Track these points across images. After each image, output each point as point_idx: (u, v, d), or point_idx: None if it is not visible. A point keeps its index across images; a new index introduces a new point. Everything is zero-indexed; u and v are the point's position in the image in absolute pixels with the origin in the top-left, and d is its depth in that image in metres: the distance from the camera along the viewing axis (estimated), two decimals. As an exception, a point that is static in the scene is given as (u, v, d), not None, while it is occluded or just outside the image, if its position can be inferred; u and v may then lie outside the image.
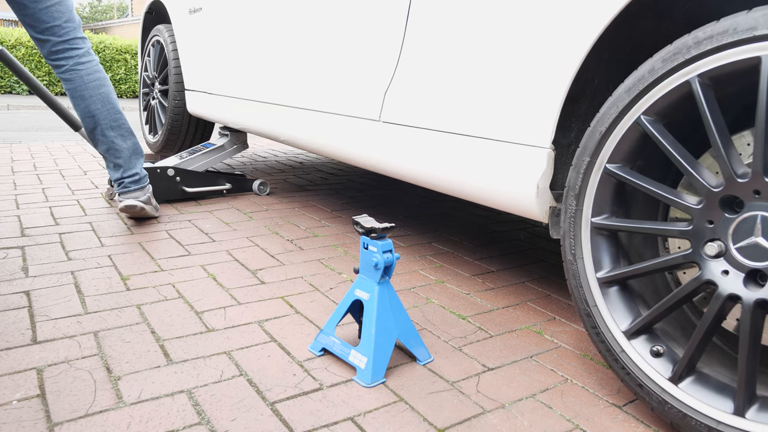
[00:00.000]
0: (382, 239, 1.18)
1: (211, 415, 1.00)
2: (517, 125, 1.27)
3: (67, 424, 0.96)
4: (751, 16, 0.85)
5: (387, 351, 1.16)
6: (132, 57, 13.18)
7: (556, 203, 1.24)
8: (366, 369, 1.14)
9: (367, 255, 1.18)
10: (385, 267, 1.17)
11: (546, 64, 1.20)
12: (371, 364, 1.13)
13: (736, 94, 0.95)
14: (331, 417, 1.02)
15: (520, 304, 1.57)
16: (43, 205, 2.32)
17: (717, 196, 0.92)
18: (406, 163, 1.60)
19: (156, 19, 3.59)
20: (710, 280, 0.94)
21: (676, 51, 0.94)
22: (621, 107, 1.02)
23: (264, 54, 2.28)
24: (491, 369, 1.22)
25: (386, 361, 1.16)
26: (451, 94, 1.44)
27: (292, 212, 2.43)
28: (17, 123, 6.20)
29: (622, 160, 1.04)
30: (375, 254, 1.16)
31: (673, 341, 1.04)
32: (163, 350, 1.21)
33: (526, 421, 1.04)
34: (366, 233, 1.18)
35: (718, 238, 0.93)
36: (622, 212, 1.09)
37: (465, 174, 1.41)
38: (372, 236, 1.17)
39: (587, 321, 1.10)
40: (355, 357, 1.16)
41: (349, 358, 1.18)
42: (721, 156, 0.90)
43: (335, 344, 1.22)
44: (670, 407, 0.97)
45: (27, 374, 1.09)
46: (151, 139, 3.46)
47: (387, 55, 1.65)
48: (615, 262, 1.09)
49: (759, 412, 0.88)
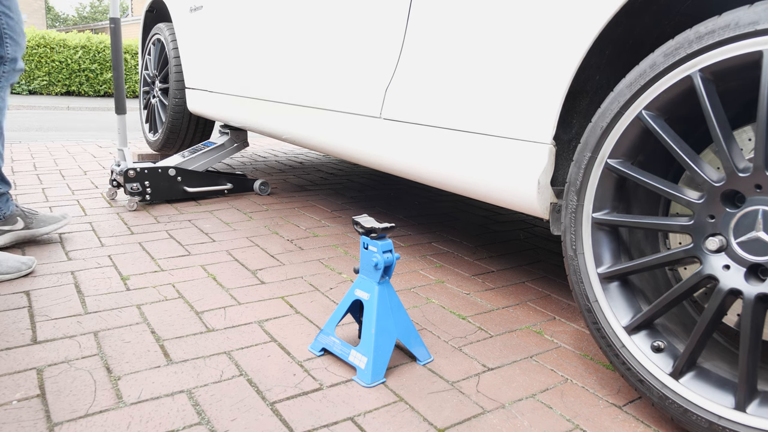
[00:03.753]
0: (382, 239, 1.17)
1: (211, 415, 1.00)
2: (518, 121, 1.26)
3: (67, 424, 0.95)
4: (753, 11, 0.85)
5: (387, 351, 1.16)
6: (132, 57, 13.17)
7: (557, 199, 1.24)
8: (366, 369, 1.13)
9: (367, 255, 1.18)
10: (385, 267, 1.16)
11: (547, 60, 1.20)
12: (371, 364, 1.13)
13: (737, 89, 0.94)
14: (331, 417, 1.01)
15: (520, 304, 1.57)
16: (43, 206, 2.32)
17: (718, 190, 0.92)
18: (407, 160, 1.60)
19: (157, 18, 3.59)
20: (711, 275, 0.93)
21: (678, 46, 0.93)
22: (622, 102, 1.01)
23: (265, 52, 2.27)
24: (491, 369, 1.21)
25: (386, 361, 1.15)
26: (452, 91, 1.43)
27: (292, 212, 2.43)
28: (17, 123, 6.20)
29: (623, 155, 1.04)
30: (375, 254, 1.16)
31: (674, 336, 1.03)
32: (163, 350, 1.21)
33: (526, 421, 1.04)
34: (366, 233, 1.18)
35: (719, 233, 0.93)
36: (623, 208, 1.09)
37: (466, 170, 1.40)
38: (372, 236, 1.17)
39: (588, 317, 1.10)
40: (355, 357, 1.16)
41: (349, 358, 1.18)
42: (722, 150, 0.89)
43: (335, 344, 1.21)
44: (671, 402, 0.97)
45: (27, 374, 1.09)
46: (152, 138, 3.46)
47: (388, 52, 1.65)
48: (616, 257, 1.09)
49: (760, 406, 0.88)
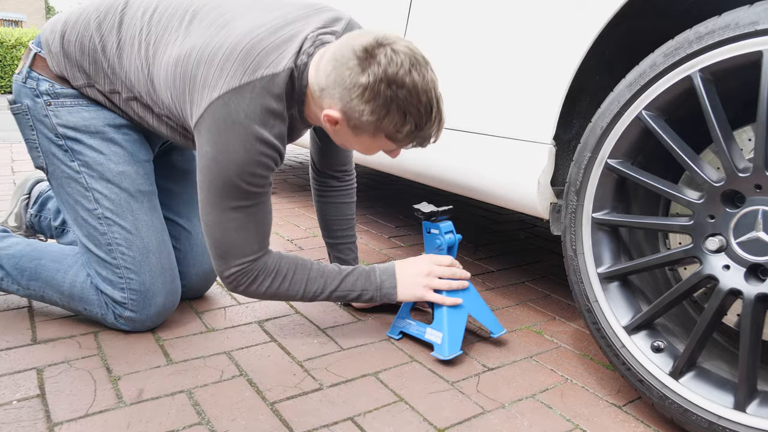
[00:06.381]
0: (442, 221, 1.27)
1: (211, 415, 1.00)
2: (518, 121, 1.26)
3: (67, 424, 0.95)
4: (753, 11, 0.85)
5: (460, 325, 1.24)
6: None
7: (557, 199, 1.24)
8: (442, 344, 1.21)
9: (431, 238, 1.28)
10: (448, 247, 1.27)
11: (547, 60, 1.20)
12: (447, 338, 1.21)
13: (737, 89, 0.94)
14: (331, 417, 1.01)
15: (520, 304, 1.57)
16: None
17: (718, 190, 0.92)
18: (407, 160, 1.60)
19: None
20: (711, 275, 0.93)
21: (678, 46, 0.93)
22: (622, 103, 1.01)
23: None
24: (491, 369, 1.21)
25: (460, 336, 1.23)
26: (451, 91, 1.43)
27: (292, 212, 2.43)
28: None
29: (623, 155, 1.04)
30: (438, 236, 1.26)
31: (674, 336, 1.03)
32: (163, 350, 1.21)
33: (526, 421, 1.04)
34: (427, 218, 1.26)
35: (719, 233, 0.93)
36: (623, 208, 1.09)
37: (466, 170, 1.40)
38: (433, 220, 1.26)
39: (588, 317, 1.10)
40: (431, 334, 1.24)
41: (425, 335, 1.25)
42: (722, 151, 0.89)
43: (411, 325, 1.29)
44: (671, 402, 0.97)
45: (27, 374, 1.09)
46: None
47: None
48: (616, 257, 1.09)
49: (759, 406, 0.88)
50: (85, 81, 1.20)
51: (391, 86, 0.99)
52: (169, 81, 1.11)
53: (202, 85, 1.05)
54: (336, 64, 1.01)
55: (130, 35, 1.17)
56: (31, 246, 1.31)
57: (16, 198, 1.64)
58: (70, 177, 1.23)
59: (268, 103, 1.04)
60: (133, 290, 1.22)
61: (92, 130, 1.22)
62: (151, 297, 1.23)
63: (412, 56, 1.00)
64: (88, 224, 1.23)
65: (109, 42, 1.17)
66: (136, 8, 1.19)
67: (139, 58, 1.16)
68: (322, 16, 1.14)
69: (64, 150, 1.22)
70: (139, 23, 1.17)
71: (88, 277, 1.25)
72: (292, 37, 1.07)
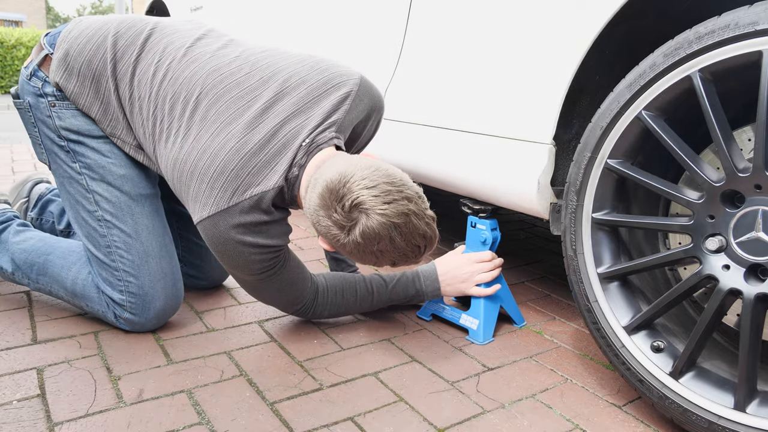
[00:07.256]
0: (489, 218, 1.33)
1: (211, 414, 1.00)
2: (517, 121, 1.26)
3: (67, 424, 0.95)
4: (753, 11, 0.85)
5: (494, 315, 1.33)
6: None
7: (556, 199, 1.24)
8: (478, 330, 1.30)
9: (475, 233, 1.36)
10: (492, 242, 1.34)
11: (546, 60, 1.20)
12: (482, 325, 1.30)
13: (737, 89, 0.94)
14: (331, 417, 1.01)
15: (520, 304, 1.57)
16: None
17: (718, 190, 0.92)
18: (406, 160, 1.60)
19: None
20: (711, 275, 0.93)
21: (678, 46, 0.93)
22: (622, 103, 1.01)
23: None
24: (491, 369, 1.21)
25: (494, 324, 1.33)
26: (452, 91, 1.43)
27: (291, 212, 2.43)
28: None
29: (623, 155, 1.04)
30: (483, 231, 1.34)
31: (674, 336, 1.03)
32: (163, 350, 1.21)
33: (526, 421, 1.04)
34: (474, 213, 1.34)
35: (719, 233, 0.93)
36: (623, 208, 1.09)
37: (466, 170, 1.40)
38: (480, 216, 1.32)
39: (588, 316, 1.10)
40: (466, 320, 1.32)
41: (460, 321, 1.34)
42: (722, 151, 0.89)
43: (445, 310, 1.37)
44: (671, 402, 0.97)
45: (27, 374, 1.09)
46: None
47: (387, 53, 1.65)
48: (615, 257, 1.09)
49: (759, 406, 0.88)
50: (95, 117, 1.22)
51: (373, 247, 0.99)
52: (169, 173, 1.13)
53: (194, 198, 1.06)
54: (317, 216, 1.01)
55: (139, 95, 1.17)
56: (43, 241, 1.32)
57: (12, 198, 1.64)
58: (72, 177, 1.23)
59: (258, 218, 1.06)
60: (132, 293, 1.22)
61: (95, 134, 1.22)
62: (150, 301, 1.23)
63: (388, 220, 0.96)
64: (88, 225, 1.23)
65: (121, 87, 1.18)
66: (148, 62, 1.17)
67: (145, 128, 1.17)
68: (330, 98, 1.11)
69: (66, 151, 1.22)
70: (148, 88, 1.15)
71: (89, 275, 1.25)
72: (285, 144, 1.06)
